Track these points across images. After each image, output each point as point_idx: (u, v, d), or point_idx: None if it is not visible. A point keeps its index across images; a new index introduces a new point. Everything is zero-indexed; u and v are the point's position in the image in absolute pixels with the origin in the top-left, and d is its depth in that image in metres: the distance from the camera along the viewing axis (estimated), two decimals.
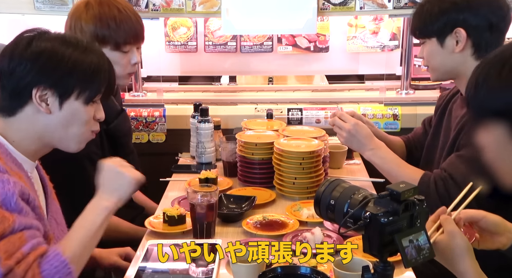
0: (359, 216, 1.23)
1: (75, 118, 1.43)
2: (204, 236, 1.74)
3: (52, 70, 1.39)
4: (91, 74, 1.43)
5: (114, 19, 1.96)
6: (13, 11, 2.63)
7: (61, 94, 1.40)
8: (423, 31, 1.89)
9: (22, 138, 1.41)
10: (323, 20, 2.86)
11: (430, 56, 1.90)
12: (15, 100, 1.40)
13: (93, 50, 1.46)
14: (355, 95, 2.97)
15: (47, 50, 1.39)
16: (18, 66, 1.38)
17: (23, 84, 1.38)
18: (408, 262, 1.20)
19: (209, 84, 3.23)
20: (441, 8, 1.81)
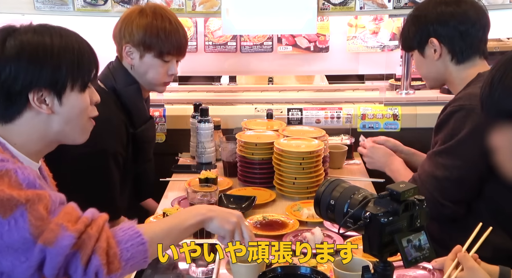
0: (359, 216, 1.23)
1: (75, 110, 1.38)
2: (204, 236, 1.74)
3: (40, 68, 1.31)
4: (77, 60, 1.36)
5: (164, 30, 2.05)
6: (13, 11, 2.63)
7: (57, 91, 1.33)
8: (406, 45, 2.04)
9: (24, 141, 1.35)
10: (323, 20, 2.86)
11: (418, 66, 2.07)
12: (11, 107, 1.32)
13: (68, 35, 1.38)
14: (355, 95, 2.97)
15: (26, 47, 1.31)
16: (3, 71, 1.29)
17: (16, 90, 1.30)
18: (408, 262, 1.20)
19: (209, 84, 3.23)
20: (416, 24, 1.95)
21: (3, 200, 1.18)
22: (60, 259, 1.19)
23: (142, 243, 1.27)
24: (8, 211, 1.18)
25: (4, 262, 1.20)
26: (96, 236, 1.23)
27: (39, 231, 1.19)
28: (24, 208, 1.19)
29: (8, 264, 1.20)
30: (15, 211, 1.18)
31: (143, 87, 2.13)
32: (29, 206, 1.19)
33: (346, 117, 2.70)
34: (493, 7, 2.51)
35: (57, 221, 1.20)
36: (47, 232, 1.19)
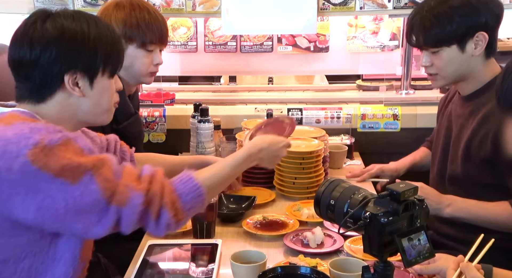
0: (359, 216, 1.23)
1: (104, 94, 1.45)
2: (204, 236, 1.74)
3: (78, 53, 1.38)
4: (110, 47, 1.44)
5: (144, 20, 2.05)
6: (13, 11, 2.63)
7: (90, 75, 1.41)
8: (442, 39, 1.83)
9: (55, 120, 1.39)
10: (323, 20, 2.86)
11: (447, 64, 1.86)
12: (45, 88, 1.39)
13: (102, 24, 1.46)
14: (355, 95, 2.97)
15: (66, 31, 1.37)
16: (42, 53, 1.35)
17: (53, 73, 1.37)
18: (408, 262, 1.20)
19: (209, 84, 3.23)
20: (461, 13, 1.80)
21: (72, 168, 1.25)
22: (134, 217, 1.31)
23: (200, 194, 1.41)
24: (77, 177, 1.26)
25: (76, 225, 1.28)
26: (160, 191, 1.35)
27: (110, 193, 1.28)
28: (91, 173, 1.27)
29: (80, 226, 1.28)
30: (83, 177, 1.26)
31: (127, 82, 2.11)
32: (96, 171, 1.28)
33: (346, 117, 2.70)
34: None
35: (124, 183, 1.31)
36: (118, 194, 1.29)
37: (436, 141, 2.07)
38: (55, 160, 1.24)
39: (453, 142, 1.94)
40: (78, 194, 1.25)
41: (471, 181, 1.86)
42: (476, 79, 1.87)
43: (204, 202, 1.43)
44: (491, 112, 1.79)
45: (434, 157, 2.06)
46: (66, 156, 1.26)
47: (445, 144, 1.98)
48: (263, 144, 1.66)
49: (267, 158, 1.68)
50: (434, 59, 1.88)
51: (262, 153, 1.65)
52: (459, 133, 1.91)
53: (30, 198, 1.24)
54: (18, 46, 1.38)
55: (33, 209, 1.25)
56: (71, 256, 1.36)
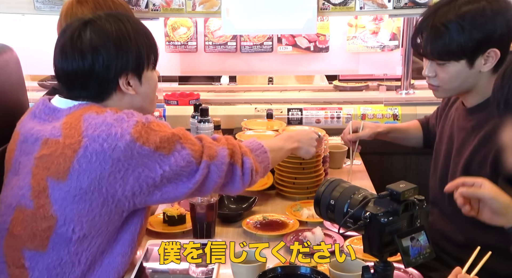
0: (359, 216, 1.24)
1: (151, 86, 1.58)
2: (204, 236, 1.74)
3: (127, 54, 1.47)
4: (149, 41, 1.53)
5: (111, 8, 2.02)
6: (13, 11, 2.63)
7: (138, 73, 1.51)
8: (449, 53, 1.72)
9: None
10: (323, 20, 2.86)
11: (453, 78, 1.76)
12: (103, 93, 1.50)
13: (133, 18, 1.54)
14: (355, 95, 2.97)
15: (109, 34, 1.46)
16: (96, 61, 1.44)
17: (110, 78, 1.47)
18: (408, 262, 1.20)
19: (209, 84, 3.23)
20: (475, 25, 1.68)
21: (168, 138, 1.43)
22: (224, 167, 1.50)
23: (265, 151, 1.64)
24: (171, 147, 1.43)
25: (167, 188, 1.45)
26: (238, 145, 1.56)
27: (199, 153, 1.47)
28: (181, 141, 1.45)
29: (170, 188, 1.45)
30: (175, 145, 1.44)
31: None
32: (183, 139, 1.46)
33: (346, 117, 2.70)
34: None
35: (207, 144, 1.50)
36: (206, 150, 1.48)
37: (438, 147, 2.00)
38: (154, 134, 1.41)
39: (454, 156, 1.87)
40: (173, 161, 1.42)
41: None
42: (480, 92, 1.78)
43: (269, 160, 1.64)
44: (493, 130, 1.68)
45: (436, 163, 2.00)
46: (161, 130, 1.43)
47: (447, 154, 1.92)
48: (293, 132, 1.96)
49: (304, 141, 1.87)
50: (439, 71, 1.78)
51: (297, 136, 1.87)
52: (460, 147, 1.85)
53: (130, 172, 1.39)
54: (70, 57, 1.46)
55: (131, 181, 1.40)
56: (130, 238, 1.51)
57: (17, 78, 2.02)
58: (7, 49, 2.25)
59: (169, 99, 2.81)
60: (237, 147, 1.54)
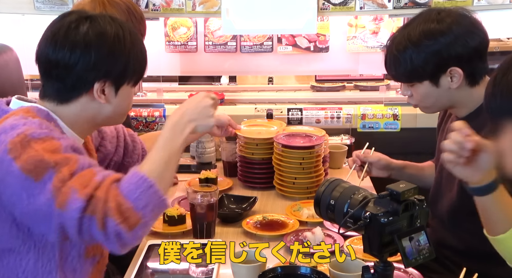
0: (359, 216, 1.24)
1: (125, 100, 1.47)
2: (204, 236, 1.74)
3: (115, 62, 1.39)
4: (141, 56, 1.45)
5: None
6: (13, 11, 2.63)
7: (118, 84, 1.42)
8: (411, 77, 1.75)
9: (73, 120, 1.42)
10: (323, 20, 2.86)
11: (423, 98, 1.78)
12: (74, 91, 1.39)
13: (132, 29, 1.46)
14: (355, 95, 2.97)
15: (106, 37, 1.38)
16: (82, 59, 1.35)
17: (87, 79, 1.38)
18: (408, 262, 1.20)
19: (209, 84, 3.23)
20: (430, 50, 1.69)
21: (36, 161, 1.21)
22: (74, 223, 1.19)
23: (151, 185, 1.25)
24: (40, 174, 1.21)
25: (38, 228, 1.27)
26: (104, 198, 1.21)
27: (56, 194, 1.20)
28: (53, 171, 1.21)
29: (42, 229, 1.25)
30: (45, 174, 1.21)
31: None
32: (57, 169, 1.22)
33: (346, 117, 2.70)
34: (493, 7, 2.51)
35: (70, 185, 1.21)
36: (60, 195, 1.20)
37: (437, 162, 1.97)
38: (27, 152, 1.22)
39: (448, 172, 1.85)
40: (37, 192, 1.21)
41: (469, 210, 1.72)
42: (466, 105, 1.76)
43: (160, 193, 1.26)
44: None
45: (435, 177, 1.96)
46: (37, 150, 1.23)
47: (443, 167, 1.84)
48: (182, 107, 1.46)
49: (197, 115, 1.44)
50: (412, 91, 1.79)
51: (186, 114, 1.43)
52: None
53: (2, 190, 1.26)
54: (58, 46, 1.36)
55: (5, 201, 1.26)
56: (77, 253, 1.37)
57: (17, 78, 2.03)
58: (7, 49, 2.25)
59: None
60: (100, 202, 1.20)
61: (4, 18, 2.74)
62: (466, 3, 2.50)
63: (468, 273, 1.77)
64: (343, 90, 3.03)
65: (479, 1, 2.50)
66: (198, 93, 1.52)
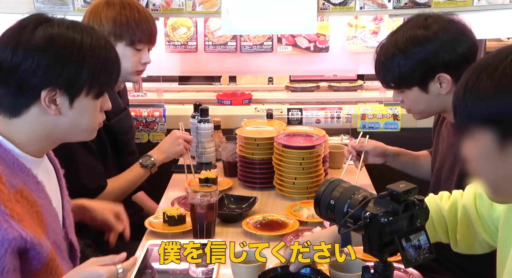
0: (359, 216, 1.23)
1: (85, 114, 1.35)
2: (204, 236, 1.74)
3: (62, 68, 1.27)
4: (101, 66, 1.33)
5: (134, 18, 2.06)
6: (13, 11, 2.62)
7: (72, 94, 1.30)
8: (400, 83, 1.77)
9: (29, 139, 1.32)
10: (323, 20, 2.86)
11: (414, 103, 1.80)
12: (20, 99, 1.29)
13: (98, 36, 1.34)
14: (355, 95, 2.97)
15: (55, 41, 1.27)
16: (24, 61, 1.25)
17: (31, 84, 1.26)
18: (408, 262, 1.20)
19: (209, 84, 3.23)
20: (418, 57, 1.70)
21: None
22: None
23: None
24: None
25: None
26: None
27: None
28: None
29: None
30: None
31: None
32: None
33: (346, 117, 2.70)
34: (493, 7, 2.52)
35: None
36: None
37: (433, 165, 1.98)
38: None
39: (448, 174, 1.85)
40: None
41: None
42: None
43: None
44: None
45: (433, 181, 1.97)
46: None
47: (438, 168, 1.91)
48: None
49: None
50: (403, 97, 1.82)
51: None
52: (452, 165, 1.82)
53: None
54: (2, 47, 1.27)
55: None
56: None
57: None
58: None
59: (222, 99, 2.81)
60: None
61: (4, 18, 2.74)
62: (466, 3, 2.50)
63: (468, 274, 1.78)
64: (317, 90, 3.04)
65: (479, 1, 2.50)
66: None
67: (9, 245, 1.18)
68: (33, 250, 1.23)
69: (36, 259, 1.24)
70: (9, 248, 1.18)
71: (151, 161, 2.14)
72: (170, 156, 2.20)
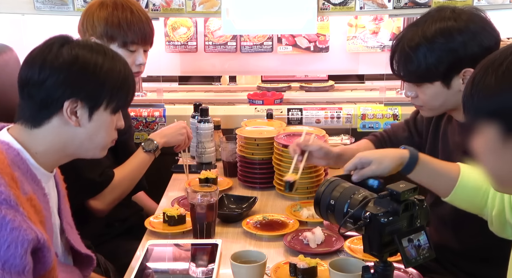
0: (359, 216, 1.24)
1: (102, 128, 1.42)
2: (204, 236, 1.74)
3: (85, 82, 1.37)
4: (120, 83, 1.42)
5: (126, 20, 2.05)
6: (13, 11, 2.63)
7: (91, 106, 1.38)
8: (422, 76, 1.68)
9: (46, 149, 1.38)
10: (323, 20, 2.86)
11: (431, 99, 1.71)
12: (44, 111, 1.36)
13: (119, 59, 1.45)
14: (355, 95, 2.97)
15: (80, 59, 1.36)
16: (50, 77, 1.34)
17: (55, 97, 1.35)
18: (408, 262, 1.20)
19: (209, 84, 3.23)
20: (446, 48, 1.62)
21: None
22: None
23: None
24: None
25: None
26: None
27: None
28: None
29: None
30: None
31: None
32: None
33: (346, 117, 2.70)
34: (493, 7, 2.51)
35: None
36: None
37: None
38: None
39: None
40: None
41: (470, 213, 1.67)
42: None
43: None
44: None
45: None
46: None
47: None
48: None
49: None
50: (418, 92, 1.73)
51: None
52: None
53: None
54: (30, 65, 1.37)
55: None
56: None
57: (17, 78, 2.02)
58: (7, 49, 2.26)
59: (253, 99, 2.81)
60: None
61: (4, 18, 2.74)
62: (466, 3, 2.50)
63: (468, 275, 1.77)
64: (288, 90, 3.04)
65: (479, 1, 2.50)
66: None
67: (28, 245, 1.21)
68: (41, 252, 1.26)
69: (42, 263, 1.26)
70: (29, 248, 1.21)
71: (154, 144, 2.11)
72: (170, 142, 2.19)
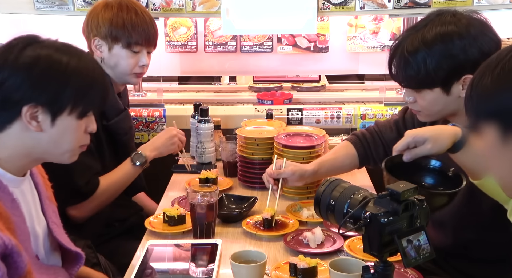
0: (359, 216, 1.24)
1: (67, 134, 1.35)
2: (204, 236, 1.74)
3: (46, 86, 1.30)
4: (87, 85, 1.35)
5: (130, 21, 2.06)
6: (13, 11, 2.63)
7: (54, 111, 1.31)
8: (421, 82, 1.64)
9: (10, 155, 1.32)
10: (323, 20, 2.86)
11: (430, 105, 1.68)
12: (3, 114, 1.31)
13: (87, 59, 1.38)
14: (355, 95, 2.97)
15: (42, 60, 1.30)
16: (9, 77, 1.28)
17: (14, 100, 1.28)
18: (408, 262, 1.20)
19: (209, 84, 3.23)
20: (446, 53, 1.59)
21: None
22: None
23: None
24: None
25: None
26: None
27: None
28: None
29: None
30: None
31: (114, 80, 2.12)
32: None
33: (346, 117, 2.70)
34: (493, 7, 2.51)
35: None
36: None
37: None
38: None
39: None
40: None
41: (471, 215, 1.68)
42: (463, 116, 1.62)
43: None
44: None
45: None
46: None
47: None
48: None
49: None
50: (417, 97, 1.69)
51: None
52: None
53: None
54: None
55: None
56: None
57: None
58: None
59: (263, 99, 2.81)
60: None
61: (4, 18, 2.74)
62: (466, 3, 2.50)
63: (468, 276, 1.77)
64: (280, 90, 3.04)
65: (479, 1, 2.50)
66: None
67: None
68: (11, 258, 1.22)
69: (14, 268, 1.22)
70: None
71: (143, 158, 2.11)
72: (163, 153, 2.19)
